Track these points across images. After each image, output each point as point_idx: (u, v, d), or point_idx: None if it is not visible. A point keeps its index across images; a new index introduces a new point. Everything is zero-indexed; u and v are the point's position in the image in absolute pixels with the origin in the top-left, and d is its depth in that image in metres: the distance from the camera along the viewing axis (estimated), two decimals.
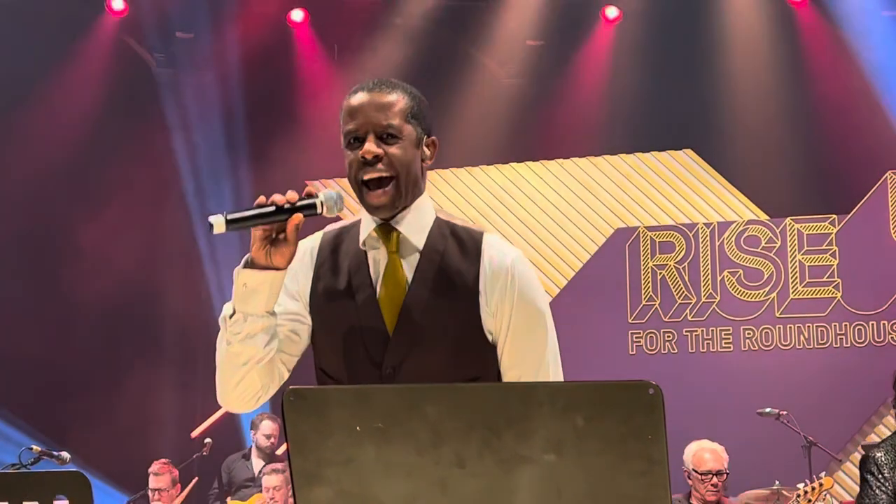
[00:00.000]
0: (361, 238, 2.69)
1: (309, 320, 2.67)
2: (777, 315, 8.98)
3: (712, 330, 9.05)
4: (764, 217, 9.22)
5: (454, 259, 2.64)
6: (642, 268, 9.31)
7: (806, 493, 6.30)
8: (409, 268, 2.64)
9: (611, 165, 9.65)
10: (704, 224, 9.25)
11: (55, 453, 5.49)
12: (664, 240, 9.31)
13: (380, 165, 2.60)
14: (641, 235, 9.36)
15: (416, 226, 2.67)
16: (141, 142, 9.69)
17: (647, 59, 9.51)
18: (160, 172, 9.86)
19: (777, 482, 6.81)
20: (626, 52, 9.66)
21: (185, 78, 10.17)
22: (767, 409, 7.37)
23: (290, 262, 2.55)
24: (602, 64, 9.76)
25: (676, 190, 9.48)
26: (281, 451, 8.52)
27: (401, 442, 1.89)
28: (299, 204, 2.56)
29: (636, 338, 9.19)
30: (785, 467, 7.25)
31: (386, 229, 2.66)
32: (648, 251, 9.32)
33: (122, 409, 9.25)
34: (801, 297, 8.98)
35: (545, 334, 2.70)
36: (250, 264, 2.53)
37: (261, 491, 7.45)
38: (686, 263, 9.21)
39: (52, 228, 9.41)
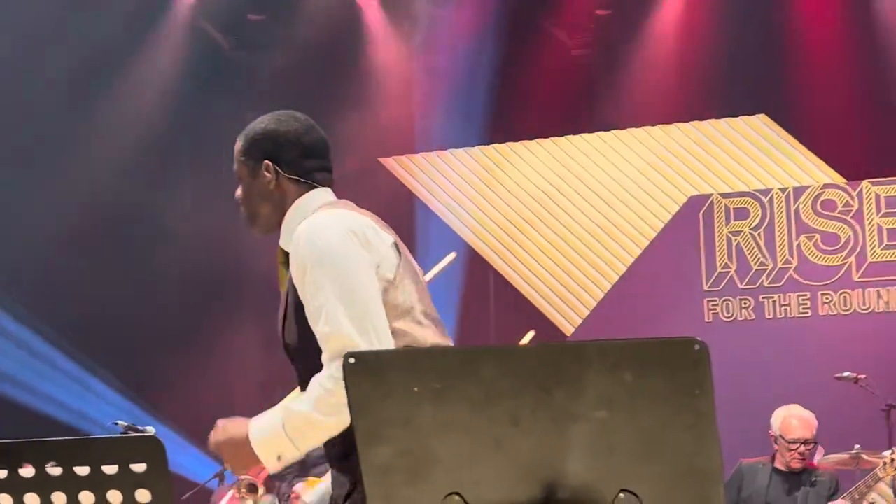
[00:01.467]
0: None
1: None
2: (855, 279, 8.89)
3: (789, 296, 8.99)
4: (840, 180, 9.13)
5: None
6: (717, 235, 9.27)
7: (893, 460, 6.25)
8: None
9: (683, 133, 9.60)
10: (780, 189, 9.18)
11: (140, 428, 5.65)
12: (739, 206, 9.26)
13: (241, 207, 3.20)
14: (715, 202, 9.32)
15: (287, 237, 3.10)
16: (217, 122, 9.84)
17: (719, 25, 9.43)
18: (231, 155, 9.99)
19: (857, 446, 6.77)
20: (697, 18, 9.59)
21: (257, 60, 10.31)
22: (846, 374, 7.30)
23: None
24: (672, 31, 9.69)
25: (750, 155, 9.41)
26: None
27: (456, 401, 1.96)
28: None
29: (712, 305, 9.16)
30: (864, 432, 7.20)
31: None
32: (723, 218, 9.27)
33: (210, 376, 9.49)
34: (879, 260, 8.88)
35: (316, 286, 2.91)
36: None
37: None
38: (762, 229, 9.15)
39: (135, 205, 9.62)
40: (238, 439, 2.93)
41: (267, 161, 3.14)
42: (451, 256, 10.17)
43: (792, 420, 6.45)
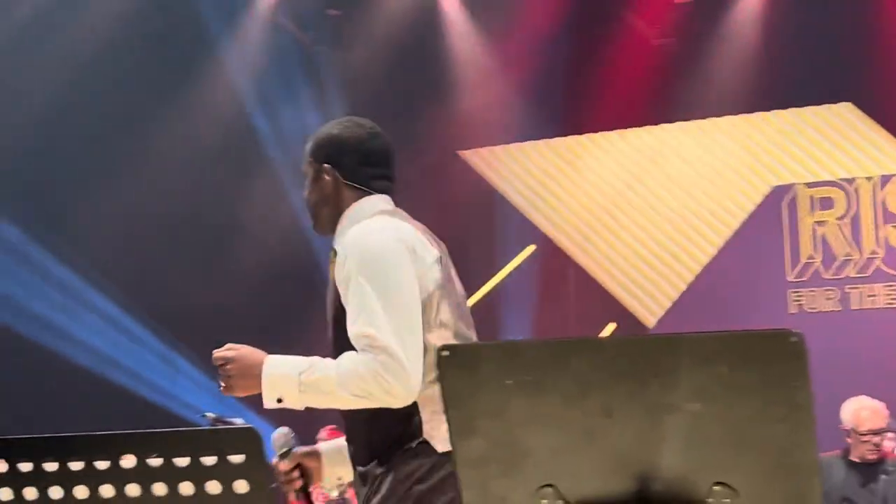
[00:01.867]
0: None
1: None
2: None
3: (876, 286, 8.86)
4: None
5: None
6: (801, 225, 9.16)
7: None
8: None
9: (766, 122, 9.50)
10: (865, 178, 9.04)
11: (227, 419, 5.71)
12: (823, 196, 9.14)
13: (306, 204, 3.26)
14: (799, 192, 9.20)
15: (339, 239, 3.14)
16: (298, 117, 9.93)
17: (802, 11, 9.31)
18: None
19: None
20: (779, 5, 9.47)
21: (337, 55, 10.38)
22: None
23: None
24: (754, 18, 9.59)
25: (835, 144, 9.28)
26: None
27: (549, 394, 1.96)
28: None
29: (796, 297, 9.06)
30: None
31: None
32: (807, 208, 9.16)
33: None
34: None
35: (359, 289, 2.97)
36: None
37: None
38: (847, 219, 9.03)
39: (217, 200, 9.74)
40: (250, 362, 3.00)
41: (327, 165, 3.19)
42: (530, 249, 10.20)
43: (863, 412, 6.36)
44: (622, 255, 9.77)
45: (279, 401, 2.96)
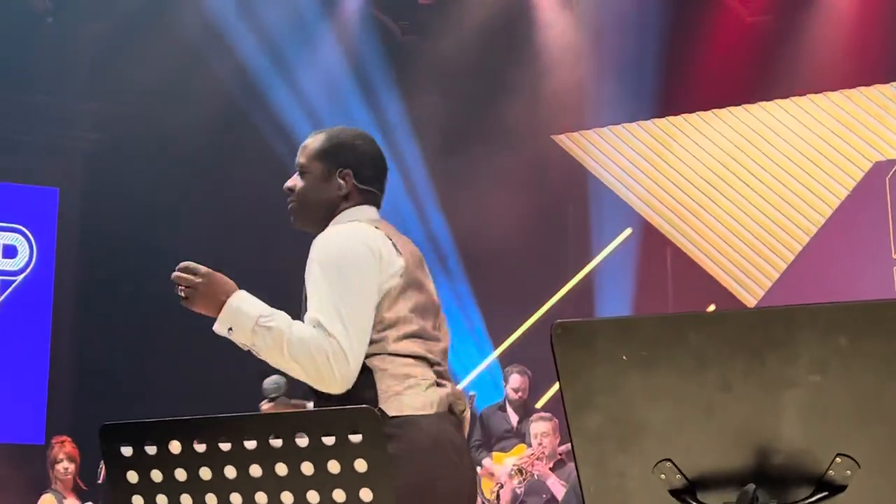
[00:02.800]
0: None
1: None
2: None
3: None
4: None
5: None
6: None
7: None
8: None
9: (865, 97, 9.33)
10: None
11: (301, 404, 5.80)
12: None
13: (291, 196, 3.41)
14: None
15: None
16: (391, 106, 10.00)
17: None
18: (402, 138, 10.15)
19: None
20: None
21: (429, 44, 10.41)
22: None
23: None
24: None
25: None
26: (539, 403, 8.66)
27: (665, 368, 1.96)
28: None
29: None
30: None
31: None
32: None
33: None
34: None
35: (319, 282, 3.19)
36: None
37: (521, 441, 7.59)
38: None
39: None
40: (220, 286, 3.22)
41: (348, 171, 3.37)
42: (627, 232, 10.16)
43: None
44: (721, 235, 9.68)
45: (230, 330, 3.18)
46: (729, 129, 9.75)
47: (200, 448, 2.20)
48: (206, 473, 2.20)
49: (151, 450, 2.22)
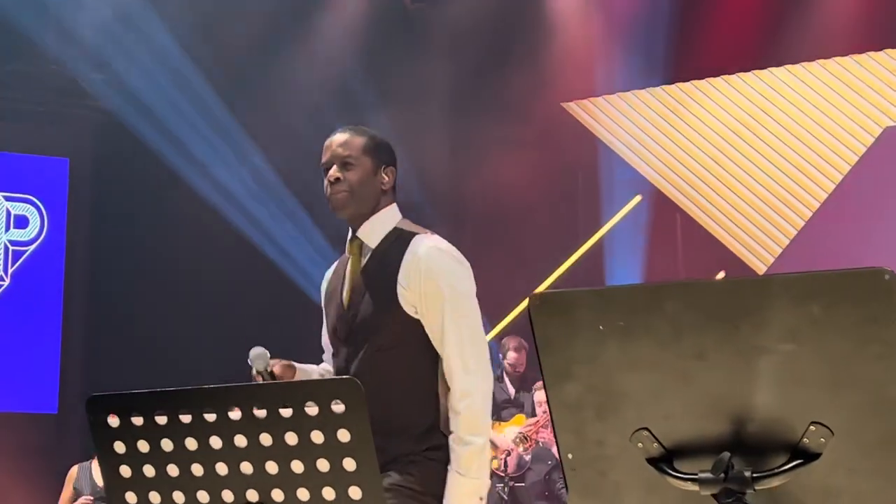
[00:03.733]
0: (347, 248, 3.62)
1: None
2: None
3: None
4: None
5: (390, 254, 3.51)
6: None
7: None
8: (363, 263, 3.55)
9: (875, 62, 9.26)
10: None
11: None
12: None
13: (339, 186, 3.54)
14: None
15: (372, 233, 3.56)
16: (400, 76, 9.99)
17: None
18: (419, 104, 10.15)
19: None
20: None
21: (438, 12, 10.39)
22: None
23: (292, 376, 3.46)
24: None
25: None
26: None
27: (642, 338, 1.98)
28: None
29: None
30: None
31: (353, 237, 3.59)
32: None
33: None
34: None
35: (455, 314, 3.45)
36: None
37: (519, 411, 7.63)
38: None
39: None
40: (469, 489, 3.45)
41: (392, 168, 3.63)
42: (637, 199, 10.14)
43: None
44: (731, 202, 9.66)
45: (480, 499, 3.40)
46: (738, 95, 9.71)
47: (186, 419, 2.24)
48: (191, 444, 2.24)
49: (138, 420, 2.25)
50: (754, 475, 1.95)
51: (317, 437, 2.18)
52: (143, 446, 2.26)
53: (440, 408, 3.46)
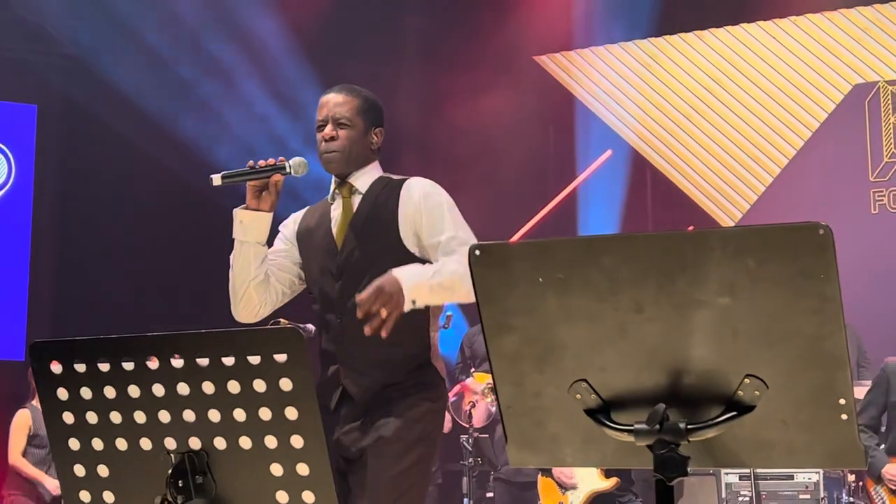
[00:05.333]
0: (330, 195, 3.81)
1: (297, 256, 3.81)
2: None
3: None
4: None
5: (382, 196, 3.74)
6: (883, 124, 8.97)
7: None
8: (355, 206, 3.75)
9: (847, 19, 9.26)
10: None
11: (301, 326, 5.82)
12: None
13: (332, 145, 3.74)
14: (881, 90, 9.00)
15: (361, 180, 3.78)
16: (374, 27, 9.94)
17: None
18: (392, 55, 10.10)
19: None
20: None
21: None
22: None
23: (272, 208, 3.66)
24: None
25: None
26: None
27: (581, 290, 1.99)
28: (271, 168, 3.61)
29: (878, 196, 8.91)
30: None
31: (341, 182, 3.79)
32: (889, 106, 8.96)
33: None
34: None
35: (457, 218, 3.72)
36: (245, 207, 3.64)
37: None
38: None
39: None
40: (393, 286, 3.46)
41: (380, 129, 3.84)
42: (608, 154, 10.14)
43: None
44: (701, 158, 9.67)
45: (413, 302, 3.48)
46: (710, 50, 9.69)
47: (129, 366, 2.24)
48: (134, 391, 2.24)
49: (81, 367, 2.25)
50: (689, 427, 1.97)
51: (259, 385, 2.18)
52: (85, 393, 2.26)
53: (430, 341, 3.72)
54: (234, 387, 2.19)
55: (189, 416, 2.22)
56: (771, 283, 1.89)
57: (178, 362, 2.21)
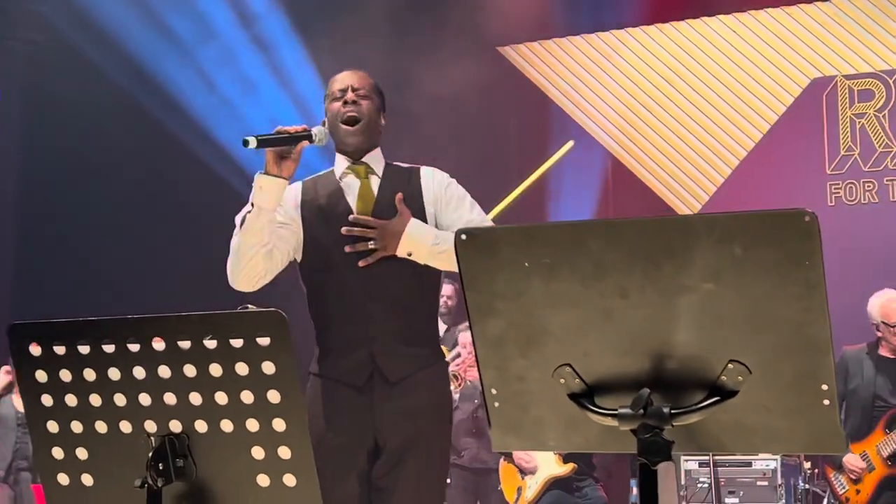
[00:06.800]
0: (338, 173, 3.79)
1: (299, 231, 3.73)
2: None
3: None
4: None
5: (402, 180, 3.77)
6: (840, 117, 9.06)
7: None
8: (374, 187, 3.76)
9: (805, 13, 9.35)
10: None
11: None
12: (863, 88, 9.03)
13: (358, 109, 3.74)
14: (839, 84, 9.09)
15: (377, 163, 3.80)
16: (337, 13, 9.91)
17: None
18: (354, 44, 10.06)
19: None
20: None
21: None
22: None
23: (292, 174, 3.60)
24: None
25: (875, 36, 9.13)
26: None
27: (566, 275, 2.00)
28: (302, 133, 3.57)
29: (835, 189, 9.00)
30: None
31: (355, 161, 3.78)
32: (846, 100, 9.06)
33: None
34: None
35: (470, 201, 3.87)
36: (266, 173, 3.56)
37: (451, 349, 7.65)
38: (886, 111, 8.91)
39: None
40: (397, 227, 3.62)
41: (385, 114, 3.88)
42: (569, 145, 10.17)
43: (893, 304, 6.26)
44: (661, 149, 9.73)
45: (409, 254, 3.61)
46: (671, 43, 9.75)
47: (109, 348, 2.22)
48: (114, 374, 2.23)
49: (60, 349, 2.23)
50: (672, 411, 1.98)
51: (241, 368, 2.17)
52: (65, 375, 2.24)
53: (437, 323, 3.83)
54: (216, 370, 2.18)
55: (170, 398, 2.21)
56: (756, 269, 1.91)
57: (159, 345, 2.20)
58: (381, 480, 3.59)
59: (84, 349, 2.22)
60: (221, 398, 2.19)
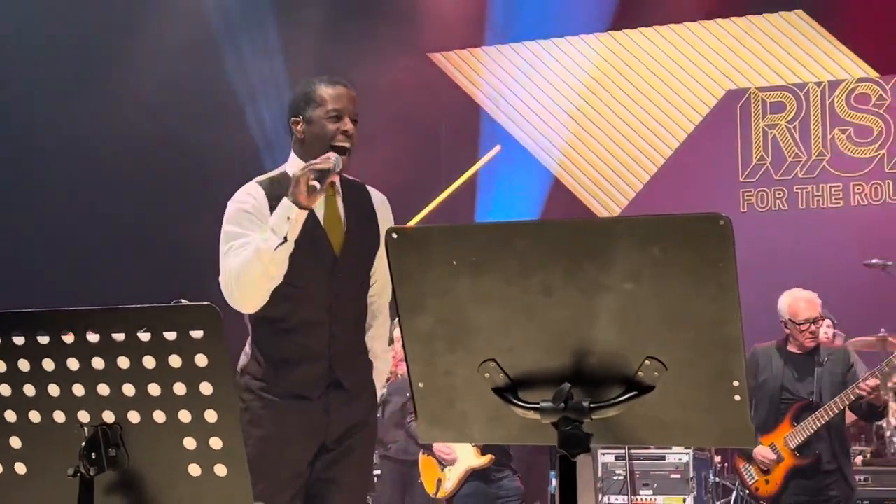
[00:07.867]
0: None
1: None
2: (886, 170, 8.95)
3: (823, 186, 9.06)
4: (874, 74, 9.11)
5: (360, 198, 3.86)
6: (753, 128, 9.30)
7: None
8: (339, 205, 3.79)
9: (722, 28, 9.57)
10: (815, 83, 9.17)
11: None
12: (775, 100, 9.27)
13: (349, 141, 3.74)
14: (752, 96, 9.32)
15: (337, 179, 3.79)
16: (265, 22, 9.89)
17: None
18: (272, 54, 10.06)
19: (882, 330, 6.88)
20: None
21: None
22: (874, 261, 7.28)
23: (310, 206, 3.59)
24: None
25: (787, 50, 9.38)
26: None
27: (493, 274, 2.06)
28: (333, 167, 3.58)
29: (747, 196, 9.23)
30: (891, 316, 7.30)
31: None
32: (759, 112, 9.29)
33: None
34: None
35: None
36: (297, 204, 3.53)
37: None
38: (797, 122, 9.18)
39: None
40: None
41: None
42: (496, 149, 10.26)
43: (800, 303, 6.41)
44: (583, 154, 9.88)
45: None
46: (594, 54, 9.91)
47: (44, 340, 2.23)
48: (48, 365, 2.24)
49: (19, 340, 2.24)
50: (592, 405, 2.05)
51: (174, 361, 2.19)
52: (24, 365, 2.25)
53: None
54: (149, 362, 2.20)
55: (103, 389, 2.23)
56: (674, 270, 1.98)
57: (93, 337, 2.22)
58: (327, 472, 3.65)
59: (19, 340, 2.23)
60: (154, 389, 2.21)
